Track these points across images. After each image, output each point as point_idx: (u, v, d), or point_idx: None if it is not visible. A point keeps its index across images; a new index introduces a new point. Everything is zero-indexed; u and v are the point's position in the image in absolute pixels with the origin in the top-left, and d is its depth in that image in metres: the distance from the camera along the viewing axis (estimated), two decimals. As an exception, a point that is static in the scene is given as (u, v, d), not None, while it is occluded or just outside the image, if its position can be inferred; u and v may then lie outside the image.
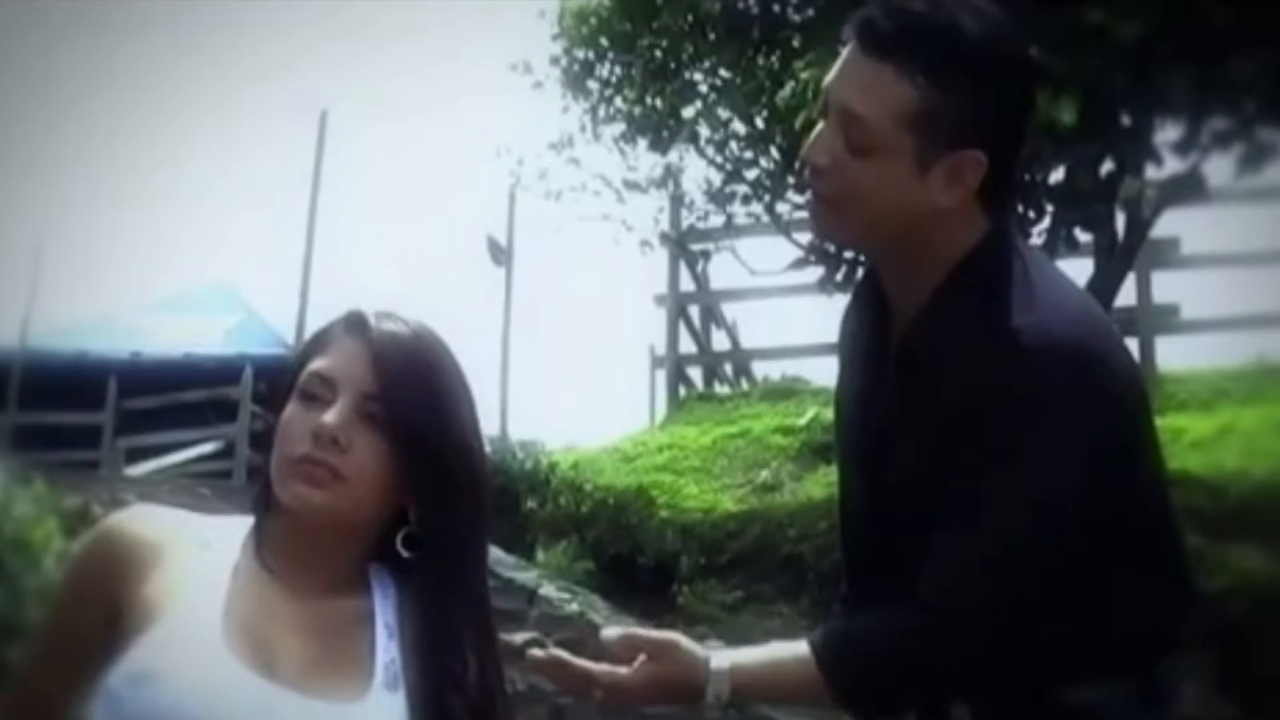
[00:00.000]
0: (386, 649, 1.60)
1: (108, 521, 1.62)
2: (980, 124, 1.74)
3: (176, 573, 1.56)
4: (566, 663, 1.74)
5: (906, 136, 1.73)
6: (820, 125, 1.82)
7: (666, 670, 1.72)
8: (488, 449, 8.06)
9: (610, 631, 1.76)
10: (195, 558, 1.58)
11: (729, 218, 9.54)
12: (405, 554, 1.63)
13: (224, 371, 13.76)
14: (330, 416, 1.58)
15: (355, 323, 1.65)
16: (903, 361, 1.80)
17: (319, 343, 1.67)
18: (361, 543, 1.65)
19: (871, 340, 1.89)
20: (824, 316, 8.29)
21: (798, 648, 1.72)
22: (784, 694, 1.82)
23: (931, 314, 1.78)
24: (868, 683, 1.70)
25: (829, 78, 1.81)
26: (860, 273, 2.13)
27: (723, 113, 8.57)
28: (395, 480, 1.61)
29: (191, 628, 1.52)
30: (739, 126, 8.57)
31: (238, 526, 1.66)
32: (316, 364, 1.63)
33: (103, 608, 1.54)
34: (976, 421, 1.67)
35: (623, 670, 1.73)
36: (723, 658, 1.73)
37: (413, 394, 1.61)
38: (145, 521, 1.62)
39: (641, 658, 1.72)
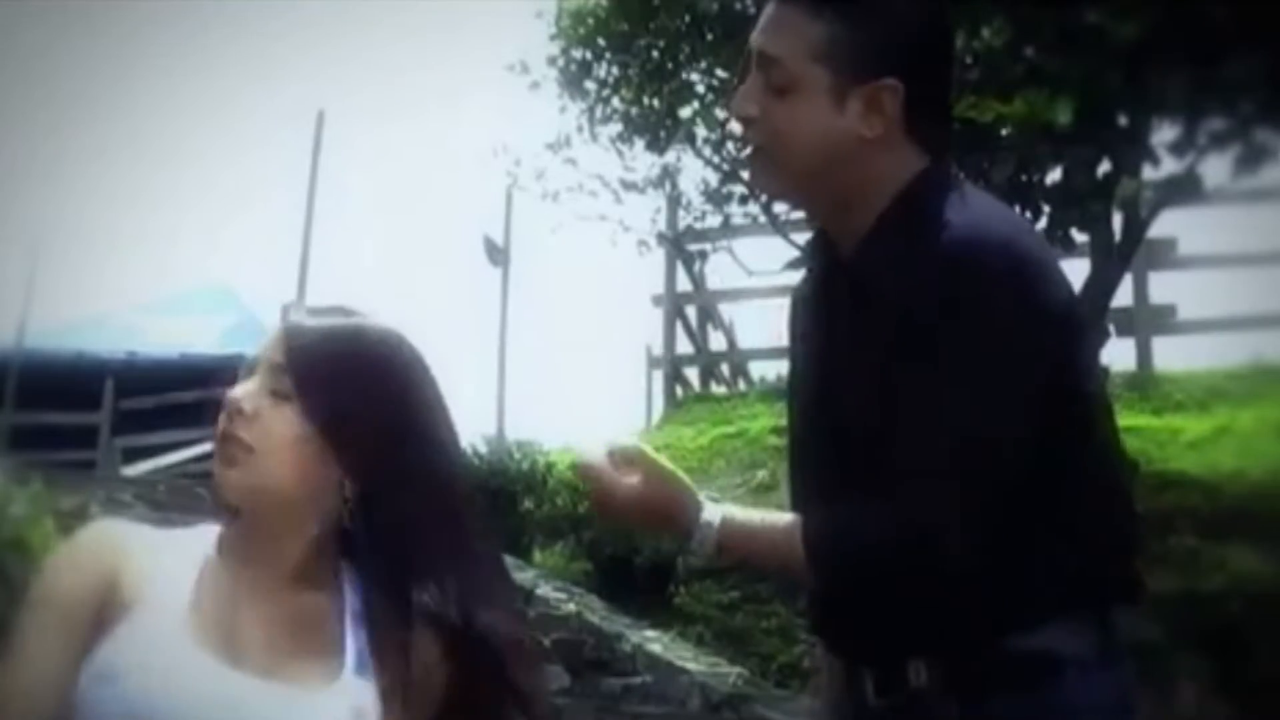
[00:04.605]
0: (356, 636, 1.61)
1: (90, 526, 1.66)
2: (891, 51, 1.80)
3: (146, 573, 1.58)
4: (593, 462, 1.78)
5: (820, 70, 1.80)
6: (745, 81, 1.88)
7: (656, 496, 1.76)
8: (483, 449, 7.97)
9: (626, 443, 1.78)
10: (165, 559, 1.61)
11: (726, 218, 9.55)
12: (348, 527, 1.65)
13: (220, 372, 13.72)
14: (237, 389, 1.62)
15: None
16: (851, 285, 1.83)
17: None
18: (308, 528, 1.64)
19: (822, 290, 1.93)
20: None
21: (786, 518, 1.77)
22: (765, 558, 1.83)
23: (875, 237, 1.82)
24: (844, 555, 1.73)
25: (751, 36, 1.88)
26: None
27: (720, 113, 8.56)
28: (315, 455, 1.60)
29: (158, 624, 1.54)
30: (736, 127, 8.56)
31: (209, 531, 1.67)
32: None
33: (95, 594, 1.56)
34: (928, 331, 1.70)
35: (620, 479, 1.76)
36: (714, 512, 1.77)
37: (322, 367, 1.62)
38: (121, 528, 1.65)
39: (638, 477, 1.75)
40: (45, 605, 1.60)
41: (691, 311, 12.35)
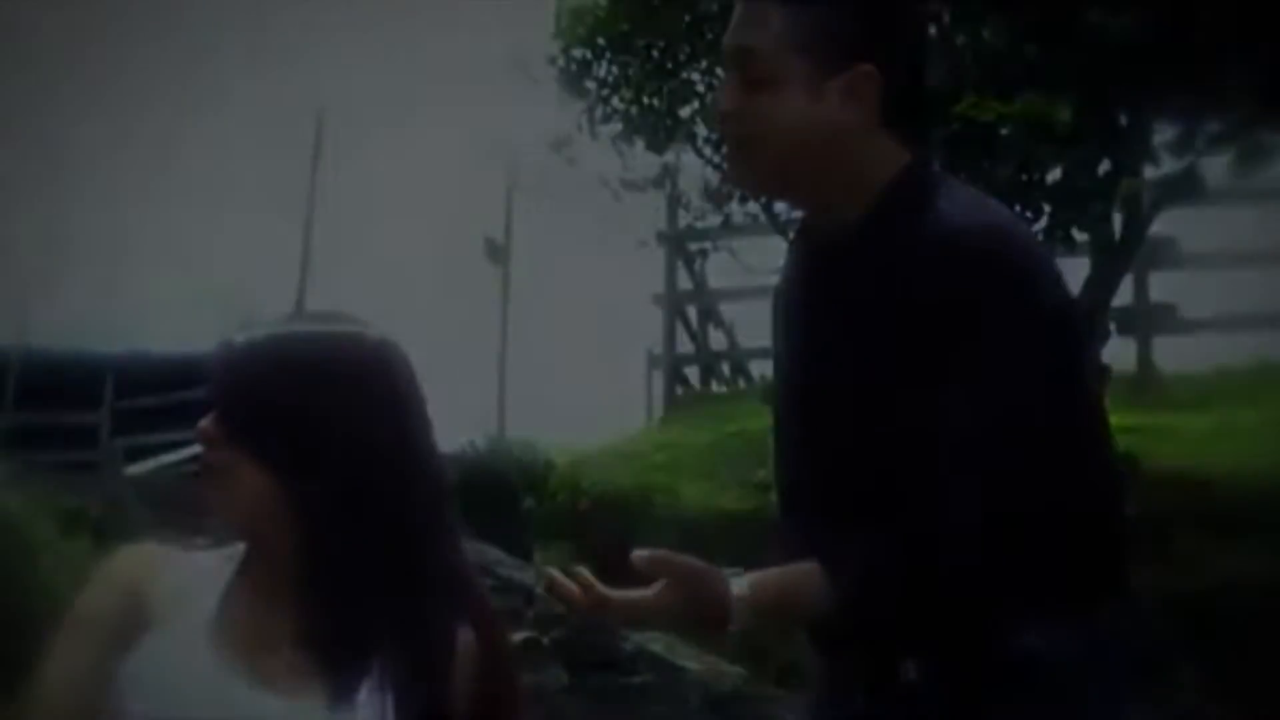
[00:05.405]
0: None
1: (122, 548, 1.66)
2: (866, 38, 1.80)
3: (172, 592, 1.59)
4: (589, 584, 1.71)
5: (796, 60, 1.79)
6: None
7: (691, 598, 1.72)
8: (481, 447, 7.90)
9: (641, 553, 1.73)
10: (191, 578, 1.61)
11: (726, 217, 9.55)
12: None
13: (221, 371, 13.69)
14: (204, 420, 1.60)
15: None
16: (846, 281, 1.82)
17: None
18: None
19: (811, 287, 1.91)
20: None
21: (809, 567, 1.73)
22: (802, 612, 1.79)
23: (869, 232, 1.80)
24: (876, 591, 1.71)
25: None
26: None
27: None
28: (272, 478, 1.57)
29: (182, 639, 1.54)
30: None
31: (235, 549, 1.66)
32: None
33: (121, 612, 1.57)
34: (939, 328, 1.68)
35: (644, 593, 1.72)
36: (742, 584, 1.73)
37: (241, 384, 1.60)
38: (151, 550, 1.66)
39: (664, 581, 1.71)
40: (73, 624, 1.61)
41: (692, 311, 12.35)
